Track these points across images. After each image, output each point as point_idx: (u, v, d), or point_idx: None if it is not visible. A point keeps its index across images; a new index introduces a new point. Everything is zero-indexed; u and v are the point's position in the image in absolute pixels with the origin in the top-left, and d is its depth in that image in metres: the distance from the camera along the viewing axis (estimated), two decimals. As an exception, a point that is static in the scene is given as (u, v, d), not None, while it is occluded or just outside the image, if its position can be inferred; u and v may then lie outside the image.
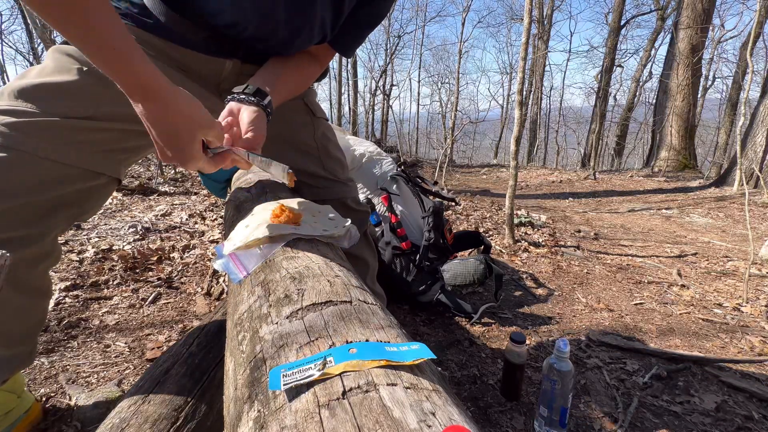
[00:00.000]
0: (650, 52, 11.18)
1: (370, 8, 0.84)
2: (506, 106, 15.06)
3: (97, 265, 1.76)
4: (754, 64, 3.34)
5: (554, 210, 4.09)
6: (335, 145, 1.10)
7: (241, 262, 0.62)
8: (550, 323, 1.60)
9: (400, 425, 0.27)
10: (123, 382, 1.10)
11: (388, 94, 11.52)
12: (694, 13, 7.41)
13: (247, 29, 0.77)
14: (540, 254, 2.40)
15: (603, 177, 6.75)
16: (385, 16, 0.90)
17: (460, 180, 6.55)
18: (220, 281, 1.69)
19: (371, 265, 1.18)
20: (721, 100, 13.01)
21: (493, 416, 1.08)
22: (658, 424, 1.07)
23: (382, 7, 0.86)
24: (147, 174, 3.93)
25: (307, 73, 0.90)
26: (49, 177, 0.67)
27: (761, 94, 5.39)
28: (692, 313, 1.72)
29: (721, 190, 5.20)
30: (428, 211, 1.70)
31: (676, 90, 7.73)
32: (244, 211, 0.84)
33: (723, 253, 2.61)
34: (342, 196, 1.06)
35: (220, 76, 0.86)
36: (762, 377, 1.27)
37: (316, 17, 0.77)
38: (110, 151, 0.75)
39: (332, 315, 0.42)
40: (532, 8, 2.35)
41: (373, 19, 0.87)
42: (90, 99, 0.70)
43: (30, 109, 0.65)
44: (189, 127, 0.59)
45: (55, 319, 1.36)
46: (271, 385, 0.33)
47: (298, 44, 0.83)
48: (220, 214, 2.74)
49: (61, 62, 0.70)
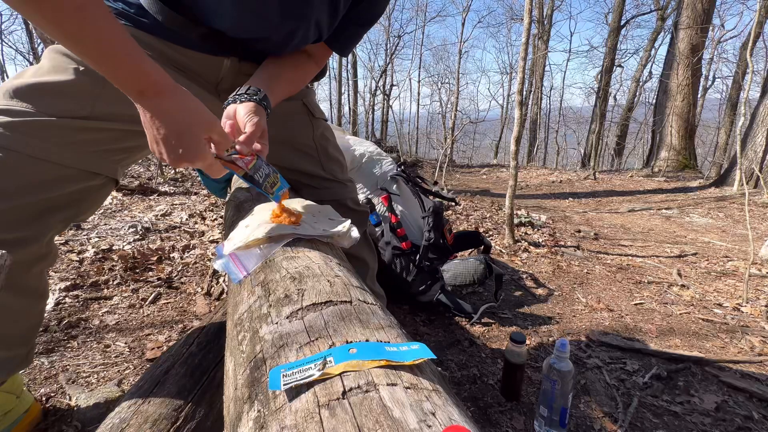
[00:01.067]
0: (650, 52, 11.18)
1: (366, 6, 0.84)
2: (506, 106, 15.05)
3: (97, 265, 1.76)
4: (754, 64, 3.34)
5: (554, 210, 4.09)
6: (334, 145, 1.10)
7: (241, 262, 0.62)
8: (550, 323, 1.60)
9: (400, 425, 0.27)
10: (123, 382, 1.10)
11: (388, 94, 11.52)
12: (694, 13, 7.41)
13: (243, 31, 0.77)
14: (540, 254, 2.40)
15: (603, 177, 6.75)
16: (381, 14, 0.89)
17: (460, 180, 6.55)
18: (220, 281, 1.69)
19: (371, 266, 1.18)
20: (721, 100, 13.01)
21: (493, 416, 1.08)
22: (658, 424, 1.07)
23: (378, 6, 0.86)
24: (147, 174, 3.93)
25: (303, 71, 0.90)
26: (45, 178, 0.66)
27: (761, 94, 5.39)
28: (692, 313, 1.72)
29: (721, 190, 5.20)
30: (428, 211, 1.70)
31: (676, 90, 7.73)
32: (244, 211, 0.84)
33: (723, 253, 2.61)
34: (341, 197, 1.06)
35: (218, 75, 0.86)
36: (762, 377, 1.27)
37: (311, 18, 0.77)
38: (107, 151, 0.74)
39: (332, 315, 0.42)
40: (532, 8, 2.35)
41: (369, 17, 0.87)
42: (86, 99, 0.69)
43: (26, 108, 0.65)
44: (199, 121, 0.59)
45: (55, 319, 1.36)
46: (271, 385, 0.33)
47: (294, 45, 0.83)
48: (220, 214, 2.74)
49: (57, 62, 0.69)
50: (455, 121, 5.90)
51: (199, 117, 0.59)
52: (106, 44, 0.52)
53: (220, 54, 0.83)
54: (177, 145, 0.58)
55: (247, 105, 0.71)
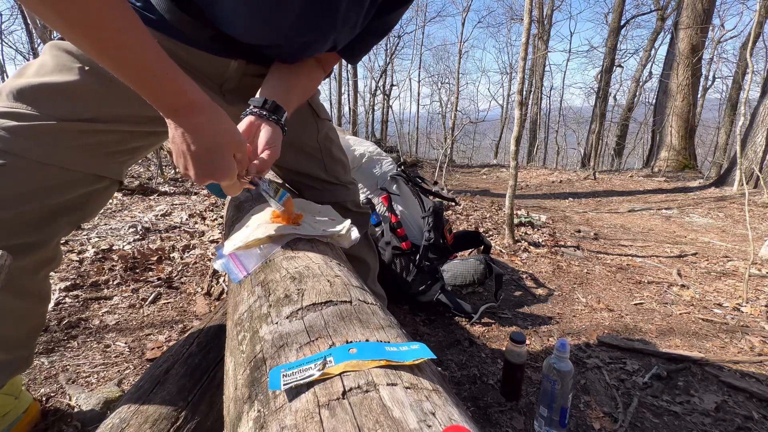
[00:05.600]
0: (650, 52, 11.18)
1: (382, 20, 0.82)
2: (506, 106, 15.06)
3: (97, 265, 1.76)
4: (754, 64, 3.34)
5: (554, 210, 4.09)
6: (338, 146, 1.09)
7: (241, 262, 0.62)
8: (550, 323, 1.60)
9: (400, 425, 0.27)
10: (123, 382, 1.10)
11: (388, 94, 11.53)
12: (694, 13, 7.41)
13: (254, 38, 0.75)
14: (540, 254, 2.40)
15: (603, 177, 6.75)
16: (394, 26, 0.88)
17: (460, 180, 6.55)
18: (220, 281, 1.69)
19: (372, 266, 1.18)
20: (721, 100, 13.01)
21: (493, 416, 1.08)
22: (658, 424, 1.07)
23: (393, 19, 0.85)
24: (147, 174, 3.93)
25: (314, 80, 0.89)
26: (52, 183, 0.65)
27: (761, 94, 5.39)
28: (692, 313, 1.72)
29: (721, 190, 5.20)
30: (428, 211, 1.70)
31: (676, 90, 7.73)
32: (244, 211, 0.84)
33: (723, 253, 2.61)
34: (342, 200, 1.06)
35: (224, 75, 0.84)
36: (762, 377, 1.27)
37: (329, 35, 0.75)
38: (113, 153, 0.73)
39: (332, 315, 0.42)
40: (532, 8, 2.35)
41: (383, 29, 0.86)
42: (92, 100, 0.67)
43: (30, 111, 0.63)
44: (231, 140, 0.59)
45: (55, 319, 1.36)
46: (271, 385, 0.33)
47: (306, 55, 0.82)
48: (220, 214, 2.74)
49: (60, 60, 0.67)
50: (455, 121, 5.90)
51: (232, 136, 0.59)
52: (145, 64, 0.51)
53: (227, 55, 0.80)
54: (207, 162, 0.58)
55: (271, 130, 0.71)
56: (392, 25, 0.87)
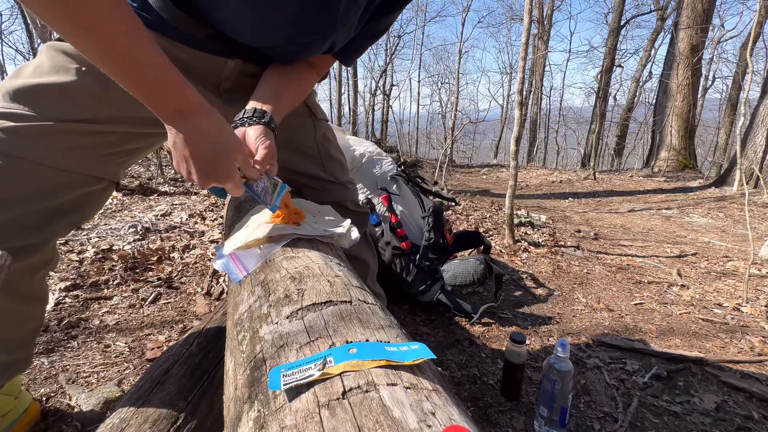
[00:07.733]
0: (650, 52, 11.18)
1: (377, 22, 0.83)
2: (506, 106, 15.06)
3: (97, 265, 1.76)
4: (754, 64, 3.34)
5: (554, 210, 4.09)
6: (336, 146, 1.09)
7: (241, 262, 0.62)
8: (550, 323, 1.60)
9: (400, 425, 0.27)
10: (123, 382, 1.10)
11: (388, 94, 11.52)
12: (694, 13, 7.41)
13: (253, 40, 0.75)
14: (540, 254, 2.40)
15: (603, 177, 6.75)
16: (389, 28, 0.89)
17: (460, 180, 6.55)
18: (220, 281, 1.69)
19: (371, 266, 1.18)
20: (721, 100, 13.01)
21: (493, 416, 1.08)
22: (658, 424, 1.07)
23: (388, 21, 0.85)
24: (147, 174, 3.92)
25: (307, 83, 0.89)
26: (49, 184, 0.65)
27: (761, 94, 5.39)
28: (692, 313, 1.72)
29: (721, 190, 5.20)
30: (428, 211, 1.70)
31: (676, 90, 7.73)
32: (244, 211, 0.84)
33: (723, 253, 2.61)
34: (341, 199, 1.06)
35: (221, 75, 0.84)
36: (762, 377, 1.27)
37: (328, 37, 0.76)
38: (111, 154, 0.73)
39: (332, 315, 0.42)
40: (532, 8, 2.35)
41: (379, 31, 0.86)
42: (90, 101, 0.67)
43: (27, 112, 0.62)
44: (232, 143, 0.59)
45: (55, 319, 1.36)
46: (271, 385, 0.33)
47: (306, 55, 0.82)
48: (220, 214, 2.74)
49: (58, 61, 0.67)
50: (455, 121, 5.89)
51: (232, 139, 0.59)
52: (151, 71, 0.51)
53: (225, 55, 0.80)
54: (210, 165, 0.58)
55: (257, 128, 0.71)
56: (387, 27, 0.88)
